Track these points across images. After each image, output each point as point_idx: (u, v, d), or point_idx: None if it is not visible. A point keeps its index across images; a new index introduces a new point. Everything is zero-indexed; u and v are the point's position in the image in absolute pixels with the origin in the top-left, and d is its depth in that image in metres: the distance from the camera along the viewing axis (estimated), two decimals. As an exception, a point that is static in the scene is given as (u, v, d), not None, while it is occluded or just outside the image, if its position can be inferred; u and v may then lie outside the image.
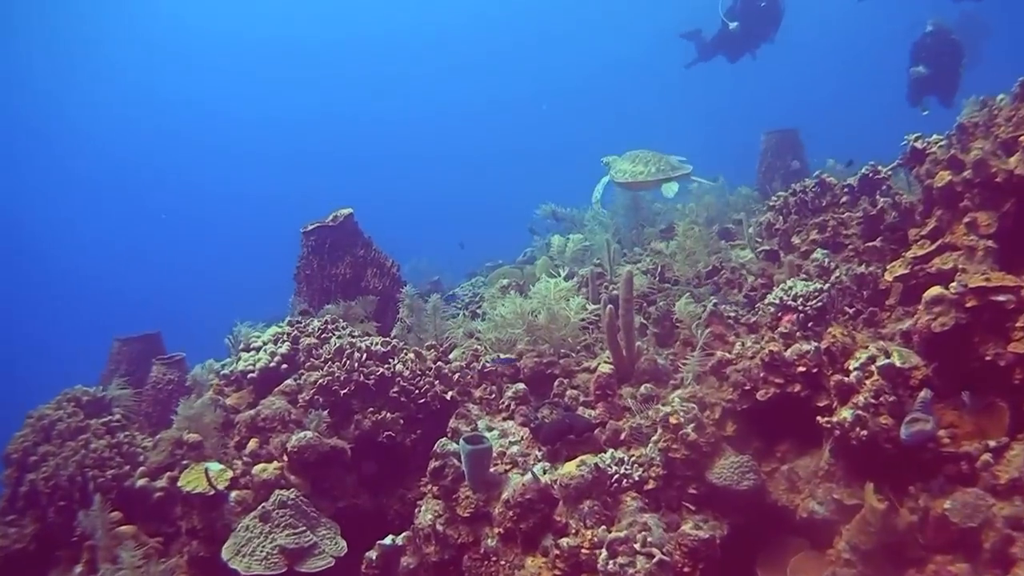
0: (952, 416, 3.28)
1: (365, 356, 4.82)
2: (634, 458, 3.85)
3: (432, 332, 5.77)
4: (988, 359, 3.21)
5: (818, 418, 3.44)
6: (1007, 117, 3.82)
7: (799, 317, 4.31)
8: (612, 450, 3.95)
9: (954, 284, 3.35)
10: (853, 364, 3.48)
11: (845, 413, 3.30)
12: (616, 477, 3.75)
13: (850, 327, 4.10)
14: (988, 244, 3.62)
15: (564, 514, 3.61)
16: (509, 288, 6.44)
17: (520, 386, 4.65)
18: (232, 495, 4.22)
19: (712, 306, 4.80)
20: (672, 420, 3.72)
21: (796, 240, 5.48)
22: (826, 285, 4.45)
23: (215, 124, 40.20)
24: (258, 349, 5.29)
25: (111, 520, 4.10)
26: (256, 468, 4.32)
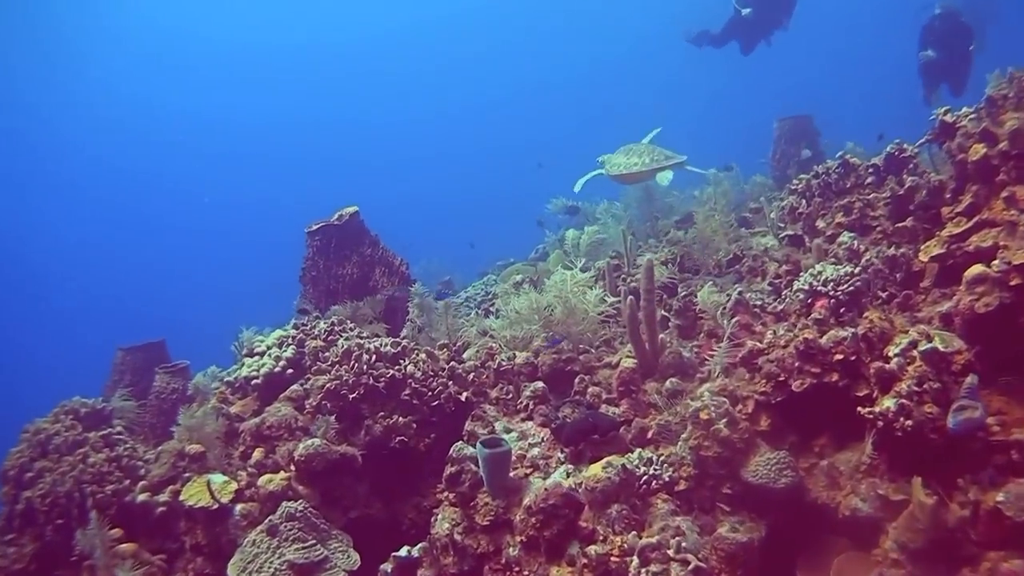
0: (1000, 402, 3.10)
1: (374, 358, 4.68)
2: (663, 457, 3.73)
3: (444, 331, 5.64)
4: (1035, 340, 3.03)
5: (859, 409, 3.26)
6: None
7: (831, 303, 4.13)
8: (639, 450, 3.82)
9: (996, 262, 3.20)
10: (893, 350, 3.31)
11: (888, 402, 3.13)
12: (645, 478, 3.62)
13: (886, 311, 3.92)
14: (1030, 218, 3.44)
15: (591, 520, 3.47)
16: (523, 284, 6.35)
17: (538, 385, 4.48)
18: (237, 508, 4.11)
19: (737, 294, 4.63)
20: (703, 416, 3.57)
21: (821, 224, 5.31)
22: (857, 268, 4.26)
23: (218, 131, 40.51)
24: (262, 354, 5.21)
25: (111, 538, 3.95)
26: (262, 479, 4.21)
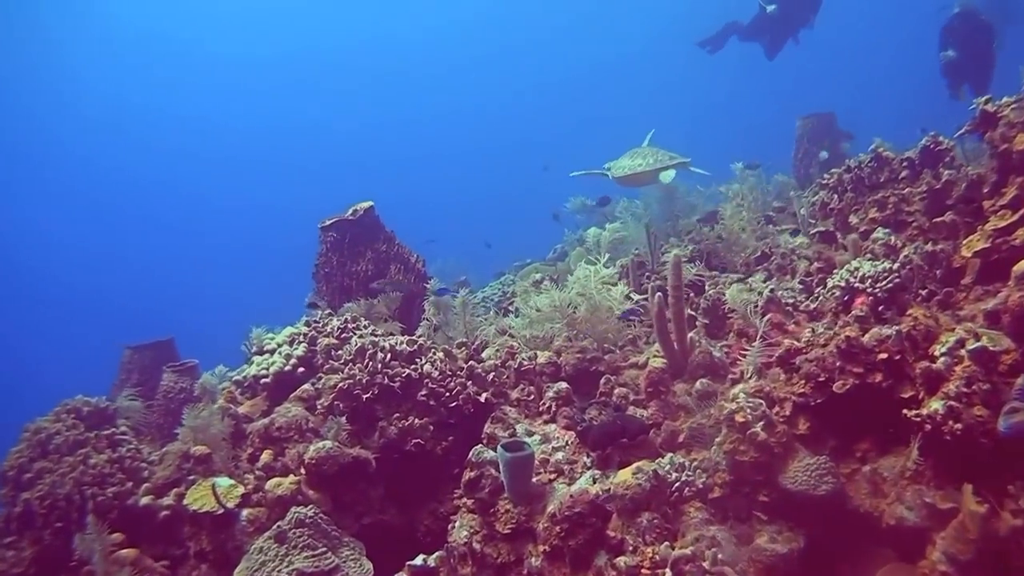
0: (1052, 403, 2.95)
1: (389, 356, 4.55)
2: (696, 463, 3.56)
3: (461, 330, 5.53)
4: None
5: (904, 411, 3.08)
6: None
7: (870, 300, 4.03)
8: (670, 454, 3.66)
9: (1047, 256, 3.02)
10: (939, 349, 3.13)
11: (936, 404, 2.94)
12: (677, 485, 3.45)
13: (929, 309, 3.78)
14: (1079, 210, 3.32)
15: (619, 529, 3.32)
16: (542, 282, 6.29)
17: (562, 385, 4.34)
18: (244, 513, 3.97)
19: (769, 292, 4.50)
20: (738, 418, 3.39)
21: (854, 219, 5.21)
22: (895, 264, 4.14)
23: (230, 135, 40.72)
24: (272, 352, 5.10)
25: (111, 543, 3.80)
26: (270, 483, 4.07)
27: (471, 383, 4.57)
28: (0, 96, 33.32)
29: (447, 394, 4.48)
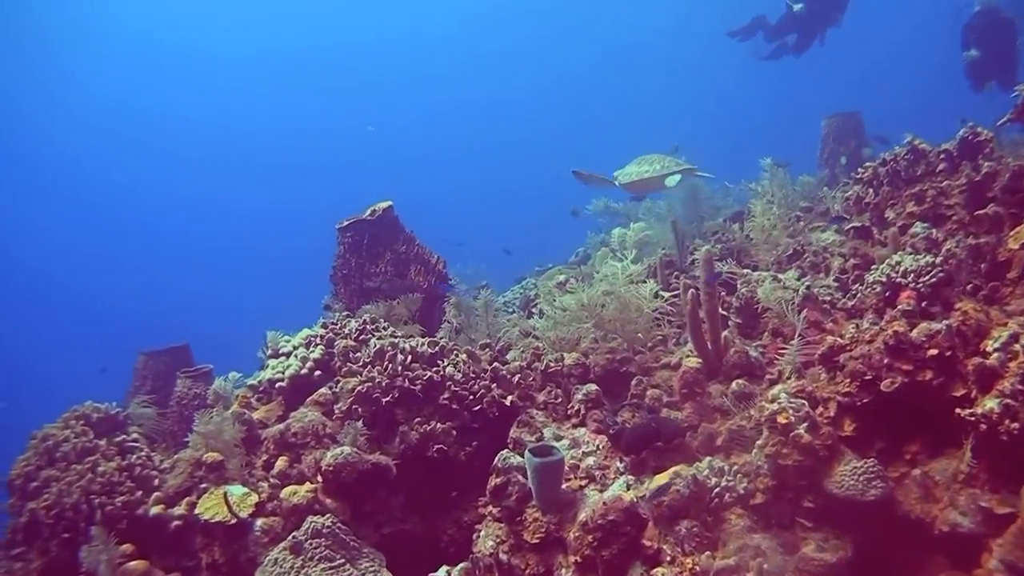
0: (1109, 401, 2.84)
1: (410, 358, 4.50)
2: (736, 467, 3.46)
3: (484, 332, 5.50)
4: None
5: (957, 410, 3.01)
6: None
7: (914, 296, 3.93)
8: (709, 458, 3.56)
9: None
10: (991, 344, 3.07)
11: (991, 403, 2.86)
12: (717, 491, 3.36)
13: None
14: None
15: (656, 538, 3.24)
16: (566, 283, 6.24)
17: (591, 387, 4.27)
18: (258, 523, 3.91)
19: (806, 289, 4.44)
20: (780, 419, 3.30)
21: (890, 214, 5.17)
22: (938, 258, 4.05)
23: (241, 137, 41.34)
24: (288, 355, 5.03)
25: (120, 554, 3.70)
26: (285, 491, 4.01)
27: (496, 386, 4.50)
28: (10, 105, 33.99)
29: (471, 397, 4.42)
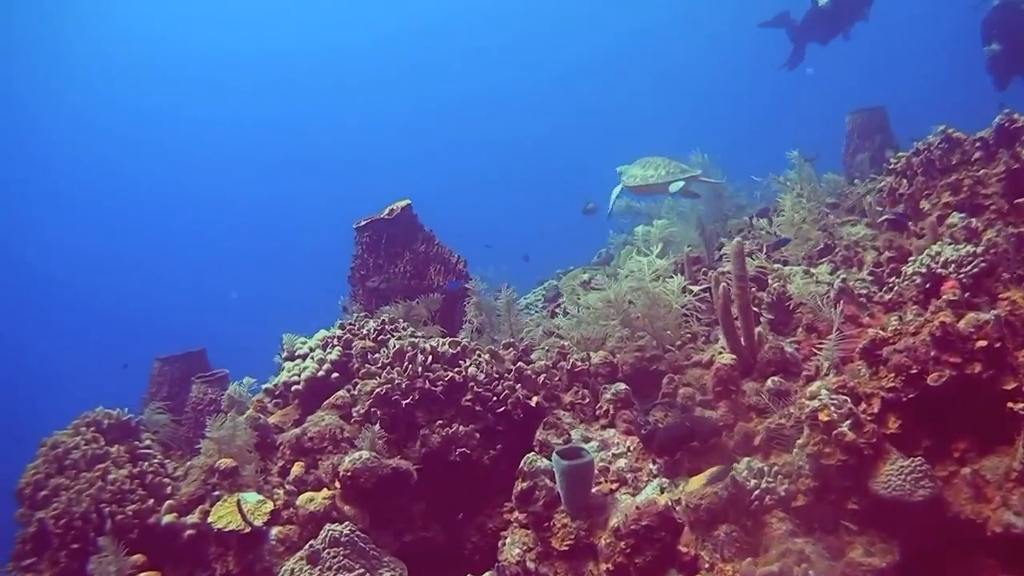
0: None
1: (430, 359, 4.42)
2: (776, 468, 3.32)
3: (507, 332, 5.41)
4: None
5: (1009, 404, 2.93)
6: None
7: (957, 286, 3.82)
8: (747, 459, 3.42)
9: None
10: None
11: None
12: (757, 493, 3.22)
13: None
14: None
15: (692, 544, 3.15)
16: (590, 282, 6.23)
17: (621, 386, 4.17)
18: (273, 532, 3.84)
19: (840, 282, 4.28)
20: (822, 417, 3.14)
21: (925, 205, 5.06)
22: (979, 248, 3.93)
23: (242, 137, 41.52)
24: (304, 357, 4.97)
25: (131, 564, 3.62)
26: (302, 498, 3.94)
27: (520, 386, 4.42)
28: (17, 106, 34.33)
29: (494, 398, 4.35)
